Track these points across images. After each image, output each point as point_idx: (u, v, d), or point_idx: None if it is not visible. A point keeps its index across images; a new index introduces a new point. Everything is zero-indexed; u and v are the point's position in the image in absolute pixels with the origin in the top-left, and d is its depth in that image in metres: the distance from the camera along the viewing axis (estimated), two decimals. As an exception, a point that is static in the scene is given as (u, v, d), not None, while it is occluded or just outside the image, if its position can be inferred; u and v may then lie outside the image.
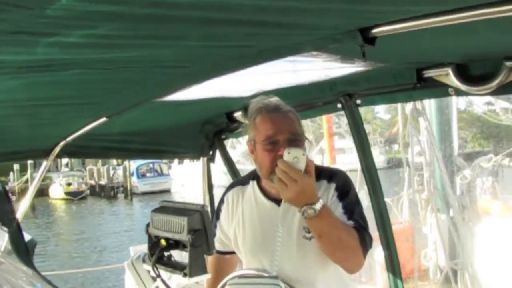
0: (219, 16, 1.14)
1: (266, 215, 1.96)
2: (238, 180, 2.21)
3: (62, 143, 3.37)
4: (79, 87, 2.01)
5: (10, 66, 1.49)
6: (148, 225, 1.85)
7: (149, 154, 4.37)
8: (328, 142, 11.88)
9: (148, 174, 38.35)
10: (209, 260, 2.17)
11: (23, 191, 36.01)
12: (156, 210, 1.80)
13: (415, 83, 2.38)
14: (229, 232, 2.10)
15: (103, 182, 39.47)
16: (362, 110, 2.76)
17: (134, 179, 37.31)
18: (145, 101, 2.44)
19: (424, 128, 5.23)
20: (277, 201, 1.89)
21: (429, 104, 5.85)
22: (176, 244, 1.73)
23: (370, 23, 1.37)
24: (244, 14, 1.16)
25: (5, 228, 3.20)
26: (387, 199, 5.25)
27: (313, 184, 1.72)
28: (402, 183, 6.45)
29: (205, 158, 3.96)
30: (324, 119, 12.02)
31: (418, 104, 5.10)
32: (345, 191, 1.90)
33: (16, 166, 37.06)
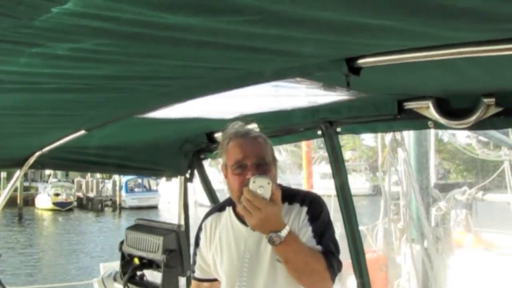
0: (206, 39, 1.15)
1: (241, 239, 1.98)
2: (215, 207, 2.22)
3: (37, 154, 3.31)
4: (59, 99, 1.98)
5: None
6: (122, 242, 1.82)
7: (127, 169, 4.32)
8: (307, 168, 11.89)
9: (136, 189, 37.96)
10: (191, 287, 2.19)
11: (9, 200, 35.31)
12: (131, 228, 1.78)
13: (396, 114, 2.42)
14: (208, 258, 2.10)
15: (91, 194, 38.89)
16: (351, 137, 2.78)
17: (122, 193, 36.90)
18: (126, 117, 2.42)
19: (402, 158, 5.30)
20: None
21: (408, 136, 5.94)
22: (149, 264, 1.70)
23: (356, 54, 1.40)
24: (231, 39, 1.17)
25: None
26: (361, 227, 5.27)
27: (278, 212, 1.74)
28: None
29: (183, 177, 3.93)
30: (303, 144, 12.06)
31: (398, 134, 5.18)
32: (316, 214, 1.92)
33: (3, 174, 36.14)
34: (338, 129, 2.73)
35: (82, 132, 2.68)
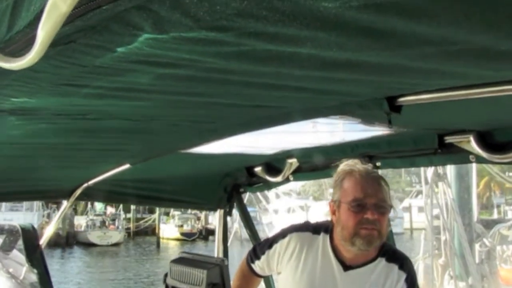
0: (253, 80, 1.20)
1: (329, 274, 1.95)
2: (309, 226, 2.10)
3: (84, 186, 3.42)
4: (108, 135, 2.06)
5: (48, 113, 1.54)
6: (166, 275, 1.86)
7: (168, 202, 4.40)
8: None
9: (249, 221, 39.44)
10: (242, 267, 2.20)
11: (138, 233, 38.26)
12: (176, 261, 1.82)
13: (436, 149, 2.40)
14: (274, 267, 2.08)
15: (211, 226, 41.01)
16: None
17: (236, 225, 38.03)
18: (169, 152, 2.49)
19: (444, 193, 5.20)
20: (345, 265, 1.92)
21: (450, 171, 5.82)
22: (193, 297, 1.73)
23: (397, 93, 1.42)
24: (276, 80, 1.21)
25: (34, 270, 3.25)
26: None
27: None
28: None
29: (222, 211, 3.97)
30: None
31: (440, 169, 5.09)
32: (413, 283, 1.99)
33: (132, 206, 38.56)
34: (378, 164, 2.72)
35: (127, 166, 2.78)
